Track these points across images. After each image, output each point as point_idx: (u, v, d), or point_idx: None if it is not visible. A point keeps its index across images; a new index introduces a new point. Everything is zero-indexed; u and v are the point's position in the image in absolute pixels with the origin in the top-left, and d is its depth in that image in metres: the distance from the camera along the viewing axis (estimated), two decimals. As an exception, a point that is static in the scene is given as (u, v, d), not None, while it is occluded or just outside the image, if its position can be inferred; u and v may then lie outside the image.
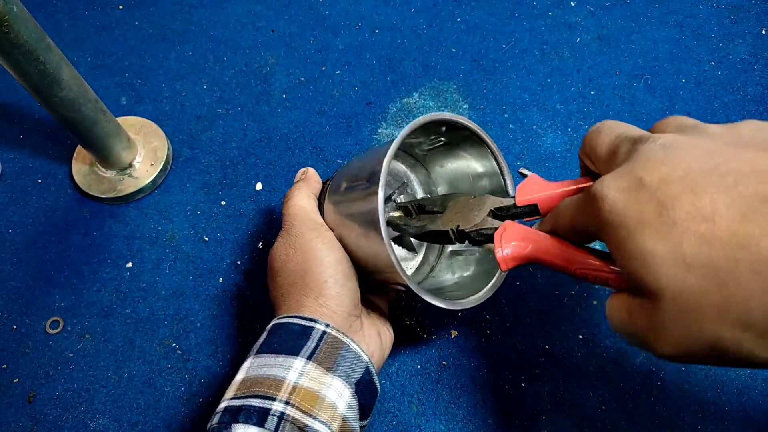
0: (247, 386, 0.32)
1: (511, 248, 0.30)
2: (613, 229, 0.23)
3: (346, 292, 0.36)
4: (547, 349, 0.47)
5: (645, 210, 0.22)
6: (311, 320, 0.34)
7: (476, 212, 0.36)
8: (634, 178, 0.23)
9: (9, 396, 0.46)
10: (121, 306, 0.50)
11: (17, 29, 0.37)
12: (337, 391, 0.33)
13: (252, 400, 0.31)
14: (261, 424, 0.30)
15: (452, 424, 0.44)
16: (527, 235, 0.30)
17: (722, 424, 0.44)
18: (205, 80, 0.61)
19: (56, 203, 0.55)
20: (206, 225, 0.53)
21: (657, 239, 0.21)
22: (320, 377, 0.32)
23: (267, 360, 0.33)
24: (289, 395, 0.31)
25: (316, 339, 0.34)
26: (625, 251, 0.22)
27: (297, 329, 0.34)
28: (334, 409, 0.32)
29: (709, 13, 0.64)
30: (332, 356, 0.33)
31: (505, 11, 0.65)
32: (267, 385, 0.32)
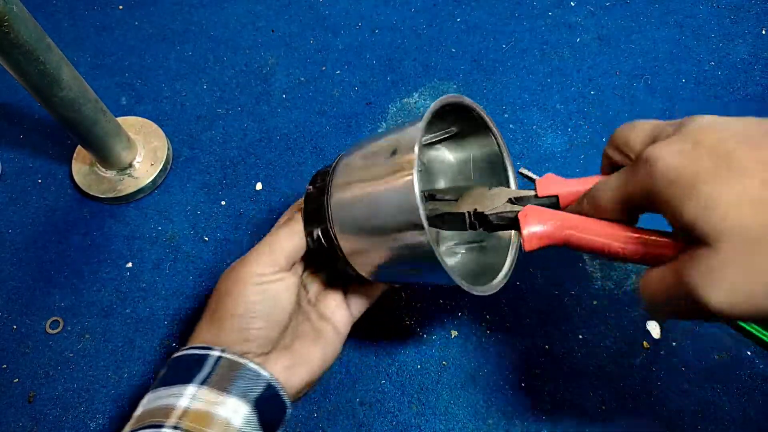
0: (141, 420, 0.32)
1: (539, 226, 0.29)
2: (671, 185, 0.24)
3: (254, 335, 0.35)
4: (547, 349, 0.47)
5: (704, 163, 0.23)
6: (207, 348, 0.34)
7: (495, 200, 0.35)
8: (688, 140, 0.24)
9: (9, 396, 0.46)
10: (121, 306, 0.50)
11: (17, 29, 0.37)
12: (231, 409, 0.32)
13: (143, 431, 0.31)
14: None
15: (452, 424, 0.44)
16: (554, 214, 0.29)
17: (722, 424, 0.44)
18: (205, 80, 0.61)
19: (56, 203, 0.55)
20: (206, 225, 0.53)
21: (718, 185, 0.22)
22: (213, 398, 0.32)
23: (161, 392, 0.33)
24: (178, 420, 0.31)
25: (211, 365, 0.33)
26: (684, 202, 0.23)
27: (193, 360, 0.34)
28: (228, 425, 0.32)
29: (709, 13, 0.64)
30: (227, 377, 0.33)
31: (505, 11, 0.65)
32: (158, 415, 0.32)
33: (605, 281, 0.50)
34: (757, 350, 0.47)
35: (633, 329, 0.48)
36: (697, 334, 0.47)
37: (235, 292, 0.35)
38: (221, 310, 0.35)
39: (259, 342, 0.35)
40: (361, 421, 0.45)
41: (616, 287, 0.49)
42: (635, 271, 0.50)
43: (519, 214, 0.30)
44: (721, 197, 0.22)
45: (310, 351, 0.38)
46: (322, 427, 0.44)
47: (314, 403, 0.45)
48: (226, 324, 0.35)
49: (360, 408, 0.45)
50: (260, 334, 0.35)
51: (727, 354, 0.46)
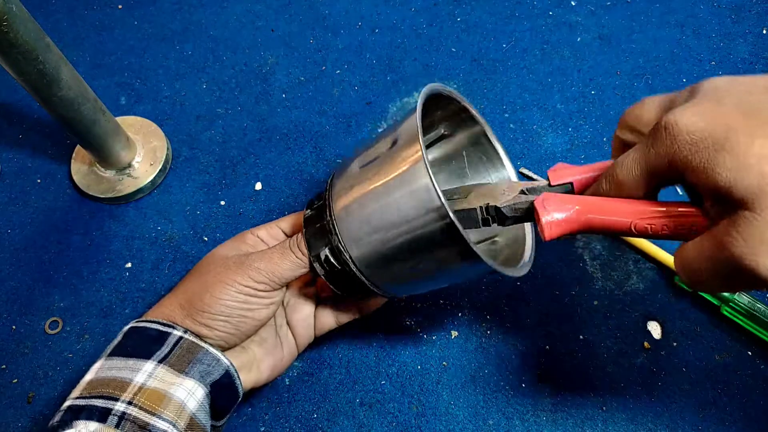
0: (93, 387, 0.32)
1: (559, 213, 0.27)
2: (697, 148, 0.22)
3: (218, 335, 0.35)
4: (547, 349, 0.47)
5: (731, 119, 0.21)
6: (169, 326, 0.34)
7: (507, 193, 0.33)
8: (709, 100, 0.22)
9: (8, 396, 0.46)
10: (121, 306, 0.49)
11: (16, 29, 0.37)
12: (187, 391, 0.32)
13: (95, 400, 0.31)
14: (101, 421, 0.30)
15: (452, 425, 0.44)
16: (572, 199, 0.27)
17: (722, 424, 0.44)
18: (204, 80, 0.61)
19: (55, 203, 0.54)
20: (206, 225, 0.53)
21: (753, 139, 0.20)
22: (170, 378, 0.32)
23: (117, 363, 0.33)
24: (133, 396, 0.31)
25: (171, 344, 0.33)
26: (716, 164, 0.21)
27: (153, 334, 0.33)
28: (182, 408, 0.32)
29: (709, 12, 0.64)
30: (186, 359, 0.33)
31: (505, 11, 0.65)
32: (113, 386, 0.31)
33: (606, 281, 0.50)
34: (758, 350, 0.46)
35: (634, 330, 0.47)
36: (698, 335, 0.47)
37: (217, 291, 0.34)
38: (196, 301, 0.34)
39: (222, 340, 0.35)
40: (361, 422, 0.44)
41: (616, 287, 0.49)
42: (636, 271, 0.50)
43: (535, 201, 0.28)
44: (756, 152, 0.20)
45: (264, 360, 0.38)
46: (322, 427, 0.44)
47: (314, 404, 0.45)
48: (195, 315, 0.34)
49: (360, 408, 0.45)
50: (222, 337, 0.35)
51: (728, 354, 0.46)
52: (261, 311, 0.35)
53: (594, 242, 0.51)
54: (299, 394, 0.46)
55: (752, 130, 0.20)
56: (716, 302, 0.47)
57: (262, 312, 0.36)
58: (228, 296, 0.34)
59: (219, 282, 0.34)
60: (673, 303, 0.48)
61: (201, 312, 0.34)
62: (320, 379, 0.46)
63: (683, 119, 0.22)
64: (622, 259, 0.50)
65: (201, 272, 0.36)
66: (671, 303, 0.48)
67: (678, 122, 0.22)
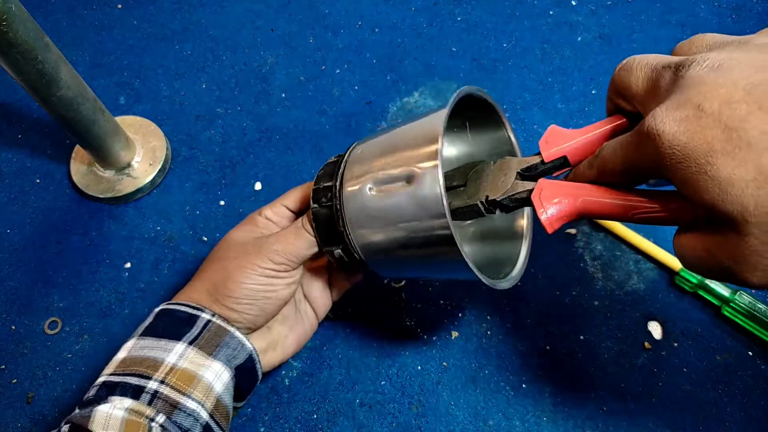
0: (127, 365, 0.33)
1: (555, 207, 0.28)
2: (680, 165, 0.21)
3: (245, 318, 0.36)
4: (548, 349, 0.47)
5: (712, 137, 0.20)
6: (198, 309, 0.35)
7: (502, 178, 0.33)
8: (690, 106, 0.21)
9: (8, 397, 0.46)
10: (120, 306, 0.49)
11: (16, 28, 0.37)
12: (215, 373, 0.34)
13: (129, 377, 0.32)
14: (135, 398, 0.31)
15: (453, 426, 0.44)
16: (568, 189, 0.28)
17: (722, 424, 0.44)
18: (204, 79, 0.61)
19: (55, 203, 0.54)
20: (205, 225, 0.53)
21: (733, 165, 0.20)
22: (200, 360, 0.34)
23: (149, 342, 0.34)
24: (165, 375, 0.32)
25: (200, 327, 0.35)
26: (699, 185, 0.21)
27: (183, 317, 0.35)
28: (210, 389, 0.33)
29: (710, 12, 0.64)
30: (214, 342, 0.34)
31: (505, 10, 0.65)
32: (145, 365, 0.33)
33: (606, 281, 0.49)
34: (758, 350, 0.46)
35: (634, 330, 0.47)
36: (699, 335, 0.47)
37: (240, 277, 0.36)
38: (221, 288, 0.36)
39: (247, 324, 0.37)
40: (361, 423, 0.44)
41: (617, 287, 0.49)
42: (636, 271, 0.50)
43: (532, 196, 0.29)
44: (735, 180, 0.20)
45: (288, 336, 0.40)
46: (322, 428, 0.44)
47: (314, 404, 0.45)
48: (222, 300, 0.36)
49: (360, 409, 0.45)
50: (250, 319, 0.36)
51: (729, 355, 0.46)
52: (283, 291, 0.37)
53: (594, 242, 0.51)
54: (299, 394, 0.46)
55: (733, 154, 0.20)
56: (717, 302, 0.47)
57: (284, 291, 0.37)
58: (251, 280, 0.36)
59: (240, 267, 0.36)
60: (674, 303, 0.48)
61: (227, 297, 0.36)
62: (320, 379, 0.46)
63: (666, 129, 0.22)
64: (622, 259, 0.50)
65: (221, 258, 0.38)
66: (672, 303, 0.48)
67: (663, 133, 0.22)
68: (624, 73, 0.27)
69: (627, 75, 0.27)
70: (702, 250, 0.23)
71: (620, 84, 0.28)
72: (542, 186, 0.29)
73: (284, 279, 0.37)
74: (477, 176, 0.36)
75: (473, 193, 0.35)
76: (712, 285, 0.47)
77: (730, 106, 0.20)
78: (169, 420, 0.31)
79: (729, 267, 0.22)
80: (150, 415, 0.31)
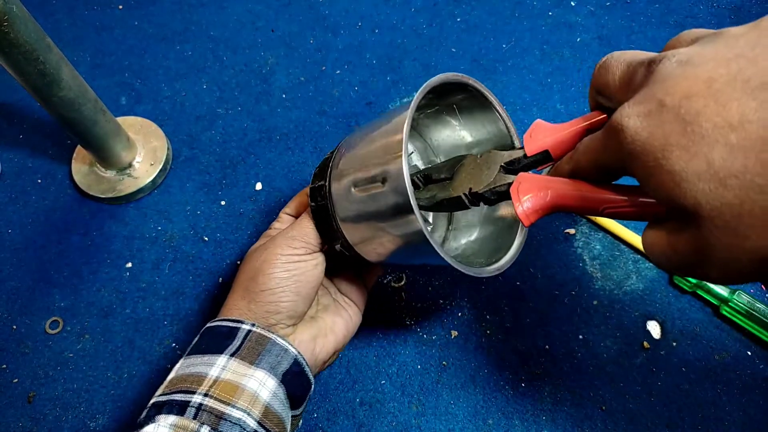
0: (173, 384, 0.34)
1: (531, 201, 0.29)
2: (640, 159, 0.22)
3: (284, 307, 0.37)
4: (547, 349, 0.47)
5: (670, 131, 0.20)
6: (238, 321, 0.36)
7: (486, 171, 0.34)
8: (653, 101, 0.21)
9: (9, 396, 0.46)
10: (121, 306, 0.50)
11: (17, 29, 0.37)
12: (258, 381, 0.34)
13: (175, 395, 0.33)
14: (180, 414, 0.32)
15: (452, 425, 0.44)
16: (545, 183, 0.29)
17: (723, 424, 0.44)
18: (204, 80, 0.61)
19: (56, 203, 0.54)
20: (206, 225, 0.53)
21: (687, 158, 0.20)
22: (242, 370, 0.34)
23: (194, 360, 0.35)
24: (208, 388, 0.33)
25: (241, 338, 0.35)
26: (655, 178, 0.21)
27: (224, 331, 0.36)
28: (255, 398, 0.33)
29: (709, 13, 0.64)
30: (256, 351, 0.35)
31: (505, 11, 0.65)
32: (190, 381, 0.34)
33: (605, 281, 0.50)
34: (757, 350, 0.46)
35: (633, 329, 0.48)
36: (698, 335, 0.47)
37: (267, 270, 0.37)
38: (253, 286, 0.37)
39: (288, 314, 0.37)
40: (361, 422, 0.45)
41: (616, 287, 0.49)
42: (635, 271, 0.50)
43: (510, 190, 0.30)
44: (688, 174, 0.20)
45: (335, 321, 0.41)
46: (322, 427, 0.44)
47: (314, 403, 0.45)
48: (257, 297, 0.37)
49: (360, 408, 0.45)
50: (289, 307, 0.37)
51: (728, 354, 0.46)
52: (312, 272, 0.38)
53: (593, 242, 0.51)
54: (299, 393, 0.46)
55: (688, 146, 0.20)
56: (716, 302, 0.47)
57: (313, 272, 0.38)
58: (278, 269, 0.37)
59: (265, 262, 0.37)
60: (673, 303, 0.49)
61: (260, 292, 0.37)
62: (320, 378, 0.46)
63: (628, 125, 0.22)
64: (621, 259, 0.51)
65: (245, 263, 0.39)
66: (671, 303, 0.49)
67: (626, 128, 0.22)
68: (603, 70, 0.27)
69: (605, 72, 0.27)
70: (666, 245, 0.23)
71: (599, 80, 0.28)
72: (520, 180, 0.30)
73: (308, 261, 0.38)
74: (462, 169, 0.36)
75: (458, 185, 0.36)
76: (711, 285, 0.47)
77: (689, 100, 0.20)
78: (215, 430, 0.32)
79: (689, 262, 0.22)
80: (194, 428, 0.31)
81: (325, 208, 0.37)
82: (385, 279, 0.50)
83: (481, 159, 0.36)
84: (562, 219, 0.52)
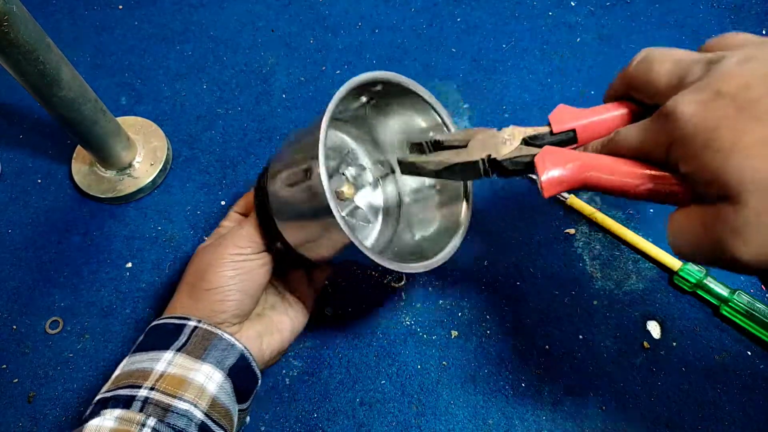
0: (119, 380, 0.34)
1: (558, 171, 0.27)
2: (690, 142, 0.23)
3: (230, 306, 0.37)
4: (547, 349, 0.47)
5: (723, 115, 0.22)
6: (184, 318, 0.36)
7: (507, 142, 0.33)
8: (711, 90, 0.23)
9: (8, 396, 0.46)
10: (121, 306, 0.50)
11: (17, 29, 0.37)
12: (205, 375, 0.34)
13: (121, 390, 0.33)
14: (126, 407, 0.32)
15: (452, 425, 0.44)
16: (575, 155, 0.27)
17: (722, 424, 0.44)
18: (204, 80, 0.61)
19: (56, 203, 0.54)
20: (206, 225, 0.53)
21: (737, 136, 0.21)
22: (189, 365, 0.34)
23: (139, 357, 0.35)
24: (154, 382, 0.33)
25: (187, 333, 0.35)
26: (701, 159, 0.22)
27: (170, 328, 0.36)
28: (202, 390, 0.34)
29: (709, 13, 0.64)
30: (202, 346, 0.35)
31: (505, 11, 0.65)
32: (135, 376, 0.34)
33: (605, 281, 0.50)
34: (757, 350, 0.46)
35: (633, 329, 0.48)
36: (698, 335, 0.47)
37: (214, 269, 0.37)
38: (200, 285, 0.37)
39: (234, 312, 0.37)
40: (361, 422, 0.45)
41: (616, 287, 0.49)
42: (635, 271, 0.50)
43: (536, 158, 0.29)
44: (739, 148, 0.21)
45: (281, 320, 0.41)
46: (322, 427, 0.44)
47: (314, 403, 0.45)
48: (203, 296, 0.37)
49: (360, 408, 0.45)
50: (235, 306, 0.37)
51: (727, 354, 0.46)
52: (257, 272, 0.38)
53: (593, 242, 0.51)
54: (299, 393, 0.46)
55: (740, 126, 0.21)
56: (715, 302, 0.47)
57: (259, 271, 0.38)
58: (226, 267, 0.37)
59: (213, 261, 0.37)
60: (673, 303, 0.49)
61: (207, 291, 0.37)
62: (320, 378, 0.46)
63: (683, 110, 0.23)
64: (621, 259, 0.51)
65: (193, 261, 0.39)
66: (671, 303, 0.49)
67: (678, 113, 0.23)
68: (644, 65, 0.28)
69: (647, 68, 0.27)
70: (698, 224, 0.23)
71: (639, 77, 0.28)
72: (547, 151, 0.29)
73: (255, 260, 0.38)
74: (479, 138, 0.35)
75: (475, 151, 0.34)
76: (711, 284, 0.47)
77: (746, 90, 0.22)
78: (162, 422, 0.32)
79: (723, 241, 0.22)
80: (140, 420, 0.31)
81: (265, 207, 0.37)
82: (385, 279, 0.50)
83: (500, 132, 0.34)
84: (562, 219, 0.53)
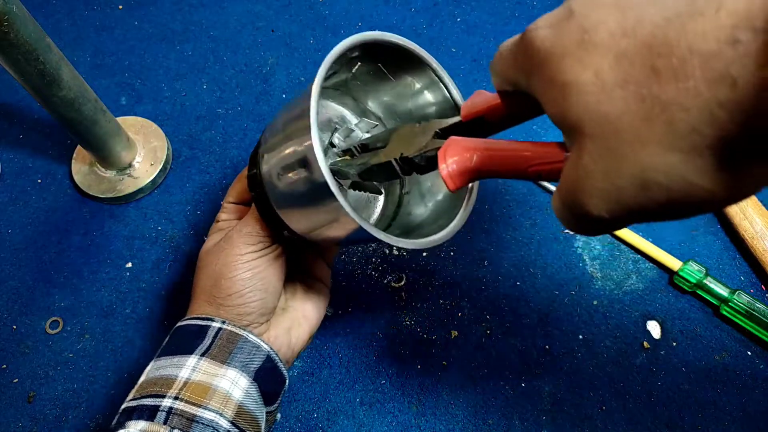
0: (143, 388, 0.33)
1: (456, 163, 0.27)
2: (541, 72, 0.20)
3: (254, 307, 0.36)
4: (547, 349, 0.47)
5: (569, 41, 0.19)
6: (208, 319, 0.35)
7: (421, 137, 0.32)
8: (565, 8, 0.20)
9: (9, 396, 0.46)
10: (121, 306, 0.50)
11: (17, 29, 0.37)
12: (231, 381, 0.33)
13: (145, 399, 0.32)
14: (151, 419, 0.31)
15: (452, 425, 0.44)
16: (472, 145, 0.27)
17: (722, 424, 0.44)
18: (204, 80, 0.61)
19: (56, 203, 0.54)
20: (206, 225, 0.53)
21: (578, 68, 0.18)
22: (213, 370, 0.33)
23: (164, 362, 0.34)
24: (179, 391, 0.32)
25: (212, 336, 0.34)
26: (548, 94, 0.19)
27: (194, 330, 0.35)
28: (228, 398, 0.33)
29: (709, 13, 0.64)
30: (227, 349, 0.34)
31: (505, 11, 0.65)
32: (159, 384, 0.33)
33: (605, 281, 0.50)
34: (757, 350, 0.47)
35: (633, 329, 0.48)
36: (697, 335, 0.47)
37: (229, 274, 0.36)
38: (217, 292, 0.36)
39: (260, 312, 0.36)
40: (362, 421, 0.45)
41: (616, 287, 0.49)
42: (635, 271, 0.50)
43: (438, 152, 0.28)
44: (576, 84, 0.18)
45: (306, 307, 0.40)
46: (322, 427, 0.44)
47: (314, 403, 0.45)
48: (225, 302, 0.36)
49: (360, 408, 0.45)
50: (259, 305, 0.36)
51: (727, 354, 0.46)
52: (274, 266, 0.37)
53: (593, 242, 0.51)
54: (299, 393, 0.46)
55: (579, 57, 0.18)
56: (715, 302, 0.47)
57: (275, 266, 0.37)
58: (239, 270, 0.36)
59: (225, 264, 0.36)
60: (673, 303, 0.49)
61: (227, 297, 0.36)
62: (320, 378, 0.46)
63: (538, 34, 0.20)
64: (621, 259, 0.51)
65: (203, 268, 0.38)
66: (670, 303, 0.49)
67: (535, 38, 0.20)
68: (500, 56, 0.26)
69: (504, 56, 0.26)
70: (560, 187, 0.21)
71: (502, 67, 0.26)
72: (449, 143, 0.28)
73: (268, 255, 0.37)
74: (398, 137, 0.34)
75: (390, 151, 0.34)
76: (711, 285, 0.47)
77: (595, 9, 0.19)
78: None
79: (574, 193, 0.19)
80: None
81: (264, 197, 0.35)
82: (385, 279, 0.50)
83: (419, 127, 0.34)
84: (562, 219, 0.53)
